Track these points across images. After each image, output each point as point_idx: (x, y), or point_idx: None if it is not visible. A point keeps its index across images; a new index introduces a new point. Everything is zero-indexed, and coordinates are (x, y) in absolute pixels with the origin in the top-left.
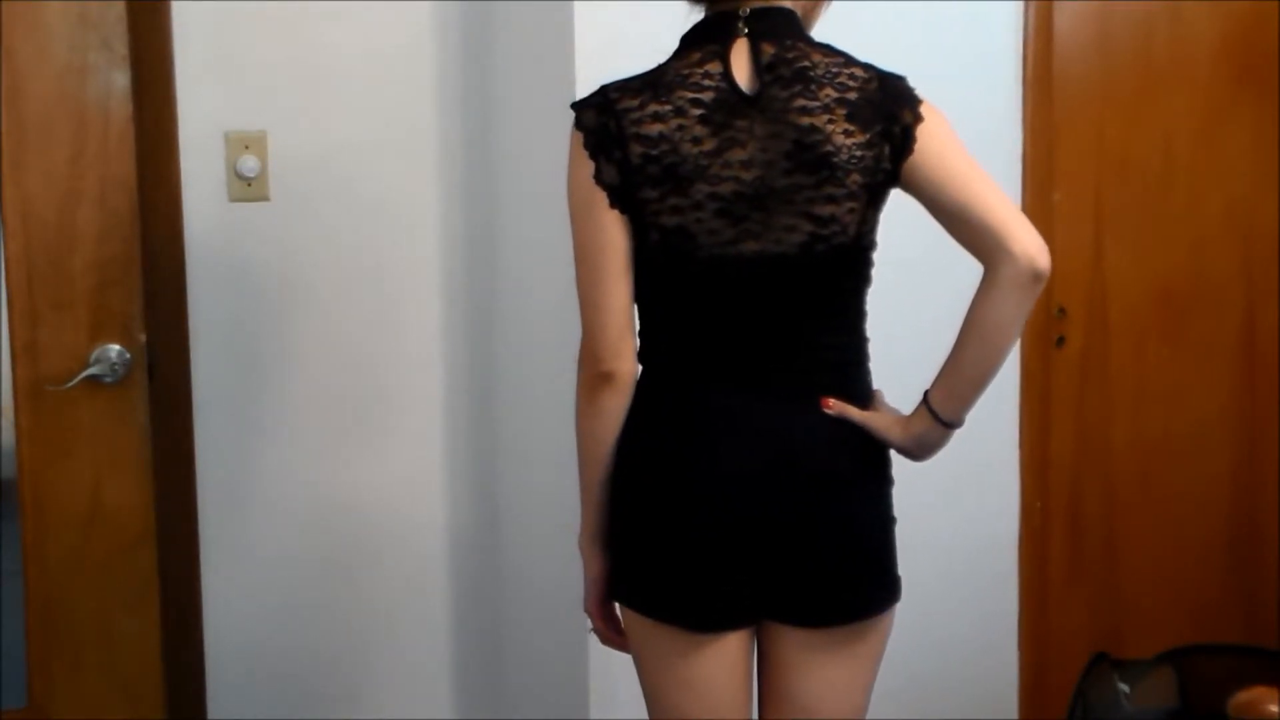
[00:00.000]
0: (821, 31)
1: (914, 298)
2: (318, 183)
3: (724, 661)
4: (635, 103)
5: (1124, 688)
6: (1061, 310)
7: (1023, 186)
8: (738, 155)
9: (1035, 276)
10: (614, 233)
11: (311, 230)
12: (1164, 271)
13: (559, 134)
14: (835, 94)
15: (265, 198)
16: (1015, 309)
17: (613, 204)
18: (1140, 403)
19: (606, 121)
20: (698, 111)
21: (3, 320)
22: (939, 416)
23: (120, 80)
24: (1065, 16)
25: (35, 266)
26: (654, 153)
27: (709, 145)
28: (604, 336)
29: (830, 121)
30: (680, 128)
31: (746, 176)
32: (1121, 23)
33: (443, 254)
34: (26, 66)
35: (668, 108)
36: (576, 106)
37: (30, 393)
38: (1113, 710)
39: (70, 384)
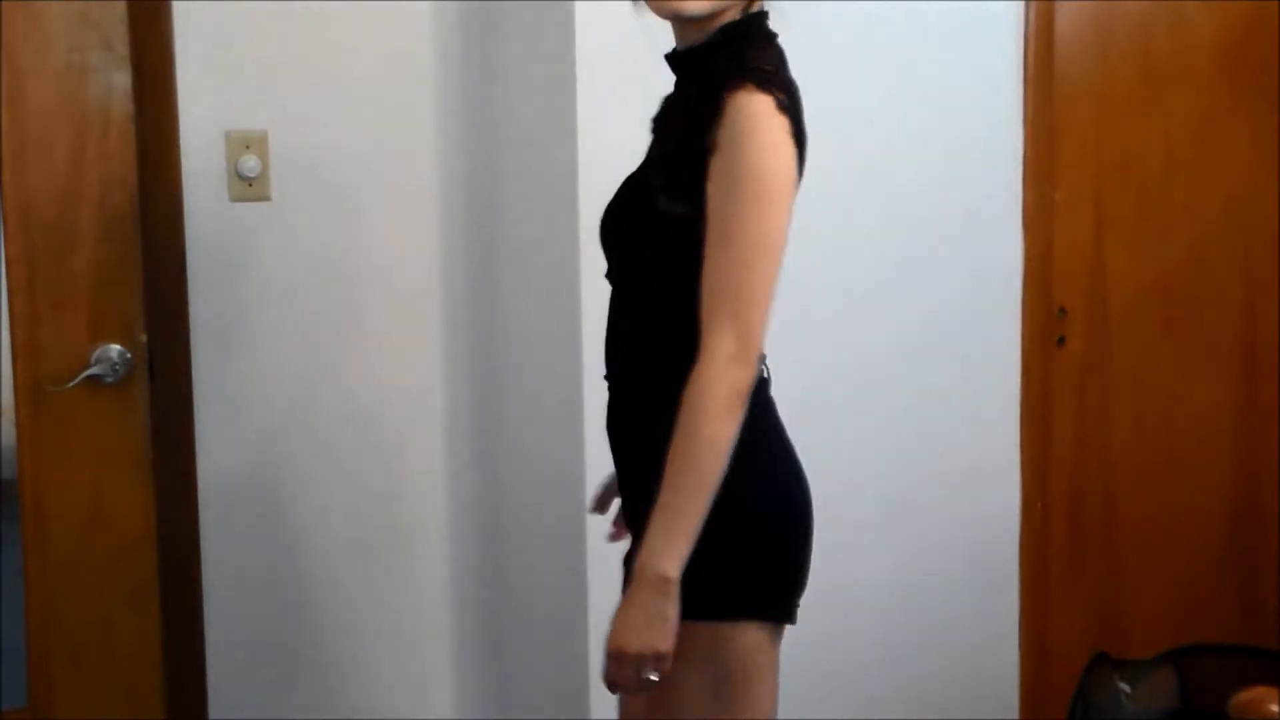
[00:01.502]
0: (821, 32)
1: None
2: (318, 183)
3: None
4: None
5: (1125, 687)
6: (1062, 310)
7: (1023, 186)
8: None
9: None
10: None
11: (312, 230)
12: (1164, 270)
13: (559, 133)
14: None
15: (266, 197)
16: None
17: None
18: (1140, 402)
19: (798, 110)
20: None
21: (3, 320)
22: None
23: (121, 80)
24: (1065, 17)
25: (36, 266)
26: (806, 143)
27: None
28: (763, 336)
29: None
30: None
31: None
32: (1121, 23)
33: (443, 254)
34: (27, 66)
35: (800, 101)
36: (773, 86)
37: (31, 393)
38: (1114, 710)
39: (71, 384)
